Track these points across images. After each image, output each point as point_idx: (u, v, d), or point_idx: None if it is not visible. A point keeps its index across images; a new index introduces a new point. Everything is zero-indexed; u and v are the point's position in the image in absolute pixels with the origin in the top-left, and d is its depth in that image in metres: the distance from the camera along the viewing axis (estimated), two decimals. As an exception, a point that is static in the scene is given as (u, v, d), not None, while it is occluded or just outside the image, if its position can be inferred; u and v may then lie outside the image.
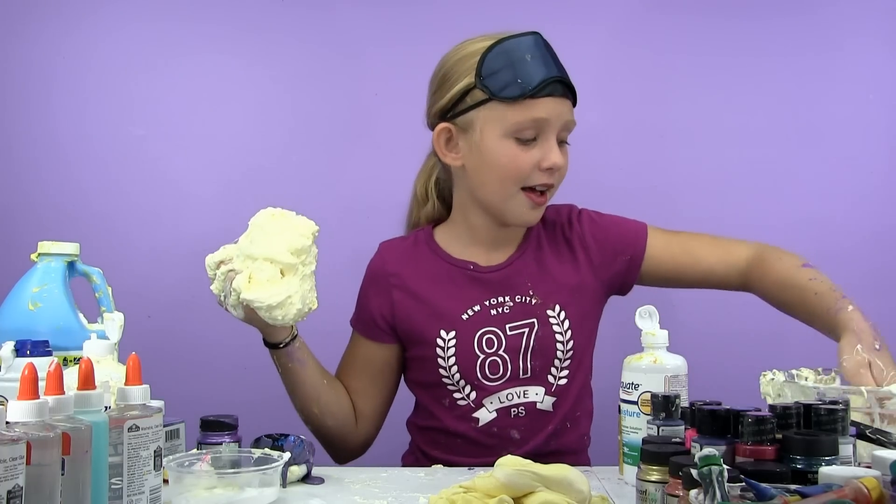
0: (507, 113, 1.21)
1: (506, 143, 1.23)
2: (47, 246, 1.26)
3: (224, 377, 1.77)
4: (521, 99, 1.20)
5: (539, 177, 1.25)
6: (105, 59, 1.81)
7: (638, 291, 1.37)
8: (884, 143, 1.81)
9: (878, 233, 1.80)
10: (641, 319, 1.11)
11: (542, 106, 1.21)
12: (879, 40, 1.82)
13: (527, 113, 1.21)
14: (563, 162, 1.27)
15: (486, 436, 1.29)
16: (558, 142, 1.26)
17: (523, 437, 1.28)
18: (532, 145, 1.23)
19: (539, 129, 1.23)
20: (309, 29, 1.83)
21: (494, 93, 1.21)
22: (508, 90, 1.21)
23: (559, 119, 1.23)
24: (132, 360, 0.88)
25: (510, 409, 1.29)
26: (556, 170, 1.25)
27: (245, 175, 1.82)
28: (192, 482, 0.95)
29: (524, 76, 1.20)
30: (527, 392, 1.29)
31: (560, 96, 1.23)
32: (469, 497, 0.86)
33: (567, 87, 1.24)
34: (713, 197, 1.81)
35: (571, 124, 1.27)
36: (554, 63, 1.24)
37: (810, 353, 1.34)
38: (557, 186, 1.30)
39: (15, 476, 0.65)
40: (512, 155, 1.23)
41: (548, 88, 1.21)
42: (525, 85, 1.20)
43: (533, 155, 1.23)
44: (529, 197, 1.26)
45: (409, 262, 1.35)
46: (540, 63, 1.21)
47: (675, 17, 1.82)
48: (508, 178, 1.24)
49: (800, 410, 0.84)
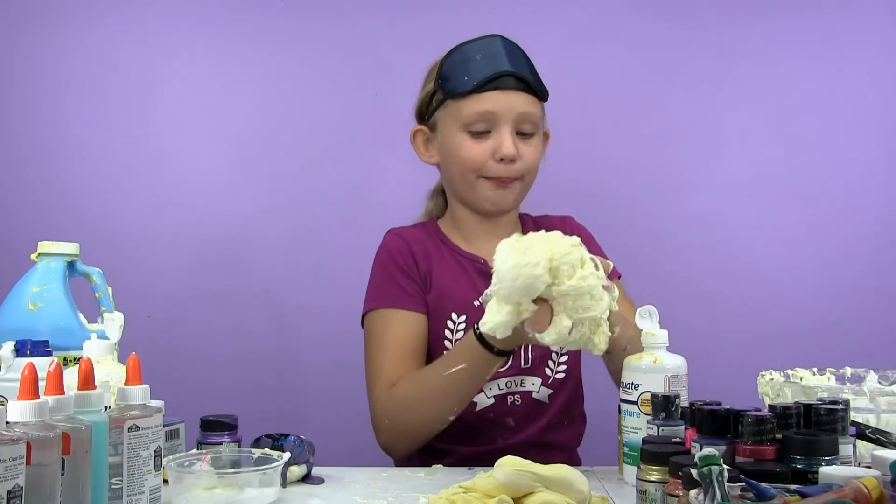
0: (460, 109, 1.31)
1: (460, 136, 1.31)
2: (47, 246, 1.26)
3: (224, 377, 1.77)
4: (468, 94, 1.29)
5: (495, 168, 1.31)
6: (105, 59, 1.81)
7: (638, 291, 1.36)
8: (884, 143, 1.81)
9: (879, 233, 1.80)
10: (641, 319, 1.11)
11: (489, 99, 1.28)
12: (879, 40, 1.82)
13: (475, 106, 1.29)
14: (519, 153, 1.30)
15: (482, 421, 1.31)
16: (522, 134, 1.31)
17: (518, 425, 1.32)
18: (486, 137, 1.30)
19: (490, 122, 1.30)
20: (309, 29, 1.83)
21: (448, 92, 1.32)
22: (458, 88, 1.30)
23: (509, 111, 1.29)
24: (132, 360, 0.88)
25: (507, 396, 1.32)
26: (510, 160, 1.30)
27: (245, 175, 1.82)
28: (192, 482, 0.95)
29: (472, 74, 1.29)
30: (524, 381, 1.32)
31: (511, 89, 1.29)
32: (469, 497, 0.86)
33: (521, 81, 1.29)
34: (713, 197, 1.81)
35: (531, 116, 1.31)
36: (508, 60, 1.30)
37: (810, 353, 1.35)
38: (528, 180, 1.34)
39: (15, 476, 0.65)
40: (466, 147, 1.31)
41: (495, 82, 1.28)
42: (471, 81, 1.29)
43: (487, 146, 1.30)
44: (486, 182, 1.32)
45: (423, 245, 1.38)
46: (489, 60, 1.29)
47: (676, 17, 1.82)
48: (466, 170, 1.32)
49: (800, 410, 0.84)
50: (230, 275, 1.80)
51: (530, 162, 1.33)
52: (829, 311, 1.78)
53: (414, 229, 1.43)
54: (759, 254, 1.80)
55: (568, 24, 1.83)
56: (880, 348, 1.72)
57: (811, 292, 1.79)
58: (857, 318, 1.78)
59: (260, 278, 1.82)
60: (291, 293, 1.79)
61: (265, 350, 1.80)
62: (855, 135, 1.81)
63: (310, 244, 1.81)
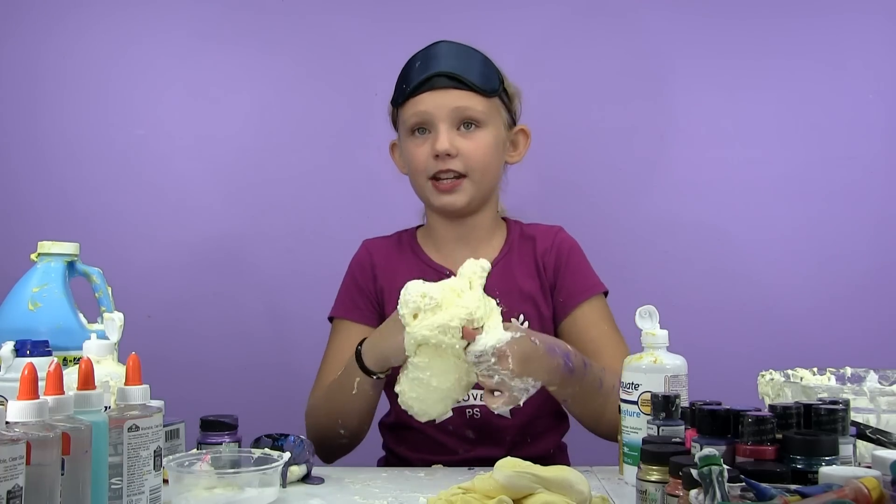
0: (403, 115, 1.35)
1: (408, 141, 1.35)
2: (47, 246, 1.26)
3: (224, 377, 1.77)
4: (407, 99, 1.33)
5: (435, 165, 1.32)
6: (105, 58, 1.81)
7: (638, 291, 1.36)
8: (884, 143, 1.81)
9: (878, 233, 1.80)
10: (641, 319, 1.11)
11: (423, 100, 1.31)
12: (880, 40, 1.82)
13: (412, 108, 1.33)
14: (456, 146, 1.30)
15: (443, 433, 1.32)
16: (462, 130, 1.32)
17: (478, 438, 1.31)
18: (427, 137, 1.33)
19: (427, 122, 1.32)
20: (309, 29, 1.83)
21: (394, 103, 1.38)
22: (399, 96, 1.35)
23: (442, 108, 1.30)
24: (132, 360, 0.88)
25: (465, 409, 1.31)
26: (446, 153, 1.30)
27: (245, 175, 1.82)
28: (192, 482, 0.95)
29: (409, 80, 1.33)
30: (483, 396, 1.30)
31: (443, 88, 1.31)
32: (468, 498, 0.86)
33: (454, 79, 1.30)
34: (713, 197, 1.81)
35: (468, 110, 1.31)
36: (443, 61, 1.31)
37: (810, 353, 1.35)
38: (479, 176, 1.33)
39: (15, 476, 0.65)
40: (411, 149, 1.34)
41: (428, 83, 1.31)
42: (408, 86, 1.33)
43: (427, 146, 1.32)
44: (435, 186, 1.33)
45: (390, 258, 1.41)
46: (425, 64, 1.32)
47: (676, 17, 1.82)
48: (416, 172, 1.35)
49: (800, 410, 0.84)
50: (230, 275, 1.80)
51: (474, 155, 1.31)
52: (829, 311, 1.78)
53: (388, 240, 1.45)
54: (759, 254, 1.80)
55: (567, 24, 1.83)
56: (880, 348, 1.72)
57: (811, 292, 1.79)
58: (857, 318, 1.77)
59: (260, 279, 1.82)
60: (291, 294, 1.79)
61: (265, 350, 1.80)
62: (855, 135, 1.81)
63: (310, 245, 1.81)
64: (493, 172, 1.36)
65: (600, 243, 1.75)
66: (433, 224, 1.41)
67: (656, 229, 1.80)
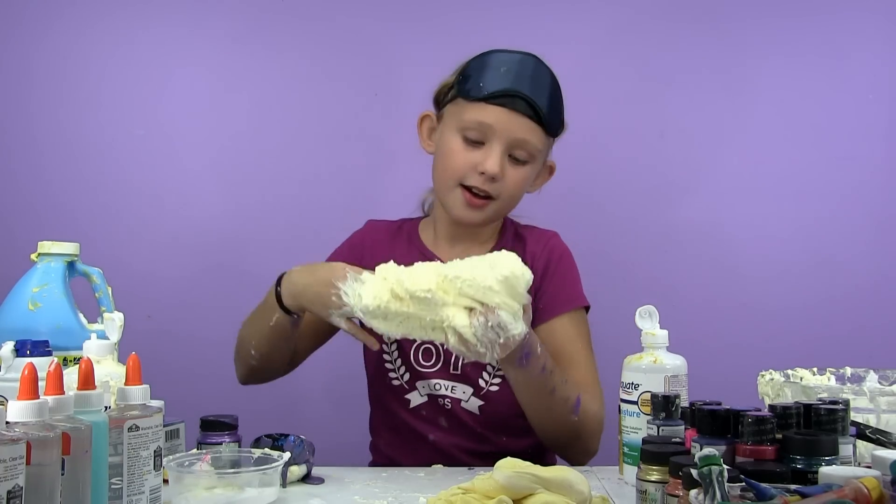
0: (463, 111, 1.29)
1: (454, 138, 1.30)
2: (47, 246, 1.26)
3: (224, 377, 1.76)
4: (475, 100, 1.27)
5: (475, 179, 1.29)
6: (105, 58, 1.81)
7: (638, 291, 1.37)
8: (884, 143, 1.81)
9: (879, 233, 1.80)
10: (641, 319, 1.12)
11: (492, 112, 1.26)
12: (879, 40, 1.82)
13: (476, 114, 1.27)
14: (503, 173, 1.28)
15: (418, 419, 1.34)
16: (512, 158, 1.29)
17: (450, 427, 1.32)
18: (477, 148, 1.29)
19: (485, 135, 1.28)
20: (309, 29, 1.83)
21: (460, 91, 1.30)
22: (470, 91, 1.28)
23: (506, 131, 1.27)
24: (132, 360, 0.88)
25: (438, 398, 1.33)
26: (491, 177, 1.27)
27: (245, 175, 1.81)
28: (192, 482, 0.95)
29: (487, 82, 1.27)
30: (454, 388, 1.33)
31: (515, 111, 1.26)
32: (468, 498, 0.86)
33: (531, 107, 1.26)
34: (713, 197, 1.81)
35: (527, 144, 1.28)
36: (529, 83, 1.27)
37: (810, 353, 1.35)
38: (504, 204, 1.32)
39: (15, 476, 0.65)
40: (455, 150, 1.30)
41: (504, 99, 1.26)
42: (484, 89, 1.27)
43: (474, 157, 1.28)
44: (465, 195, 1.30)
45: (386, 243, 1.42)
46: (509, 76, 1.27)
47: (675, 17, 1.82)
48: (448, 171, 1.31)
49: (800, 410, 0.84)
50: (230, 275, 1.80)
51: (511, 186, 1.30)
52: (829, 311, 1.78)
53: (390, 225, 1.46)
54: (759, 253, 1.80)
55: (567, 24, 1.83)
56: (880, 348, 1.72)
57: (811, 292, 1.79)
58: (857, 317, 1.77)
59: (260, 278, 1.80)
60: (291, 293, 1.79)
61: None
62: (855, 135, 1.81)
63: (310, 244, 1.80)
64: (518, 200, 1.36)
65: (600, 243, 1.76)
66: (438, 215, 1.41)
67: (656, 229, 1.80)
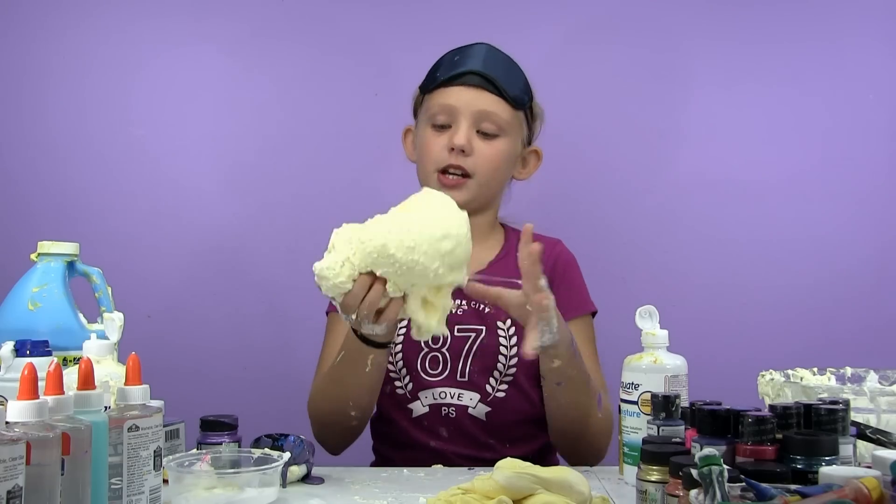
0: (428, 103, 1.36)
1: (426, 130, 1.36)
2: (47, 246, 1.26)
3: (224, 377, 1.77)
4: (435, 89, 1.34)
5: (449, 158, 1.32)
6: (105, 58, 1.81)
7: (638, 291, 1.37)
8: (884, 142, 1.81)
9: (879, 233, 1.80)
10: (641, 319, 1.12)
11: (451, 92, 1.33)
12: (879, 40, 1.82)
13: (438, 99, 1.34)
14: (473, 147, 1.31)
15: (418, 429, 1.32)
16: (482, 133, 1.33)
17: (451, 437, 1.31)
18: (446, 131, 1.33)
19: (451, 115, 1.33)
20: (309, 29, 1.83)
21: (422, 89, 1.38)
22: (429, 84, 1.36)
23: (467, 105, 1.31)
24: (132, 360, 0.88)
25: (441, 407, 1.31)
26: (460, 149, 1.30)
27: (245, 175, 1.81)
28: (192, 482, 0.95)
29: (443, 71, 1.35)
30: (461, 395, 1.31)
31: (474, 86, 1.32)
32: (468, 498, 0.86)
33: (488, 80, 1.31)
34: (713, 197, 1.81)
35: (493, 116, 1.32)
36: (482, 61, 1.32)
37: (810, 352, 1.35)
38: (483, 181, 1.33)
39: (15, 476, 0.65)
40: (428, 139, 1.35)
41: (460, 79, 1.32)
42: (441, 76, 1.34)
43: (444, 139, 1.33)
44: (440, 180, 1.33)
45: None
46: (463, 61, 1.33)
47: (675, 17, 1.82)
48: (427, 162, 1.35)
49: (800, 410, 0.84)
50: (230, 275, 1.80)
51: (485, 161, 1.32)
52: (829, 311, 1.78)
53: None
54: (759, 253, 1.80)
55: (566, 23, 1.83)
56: (880, 348, 1.72)
57: (811, 292, 1.79)
58: (858, 317, 1.77)
59: (260, 278, 1.82)
60: (291, 293, 1.79)
61: (265, 350, 1.80)
62: (855, 135, 1.81)
63: (310, 244, 1.79)
64: (498, 180, 1.37)
65: (600, 243, 1.76)
66: None
67: (656, 229, 1.80)
